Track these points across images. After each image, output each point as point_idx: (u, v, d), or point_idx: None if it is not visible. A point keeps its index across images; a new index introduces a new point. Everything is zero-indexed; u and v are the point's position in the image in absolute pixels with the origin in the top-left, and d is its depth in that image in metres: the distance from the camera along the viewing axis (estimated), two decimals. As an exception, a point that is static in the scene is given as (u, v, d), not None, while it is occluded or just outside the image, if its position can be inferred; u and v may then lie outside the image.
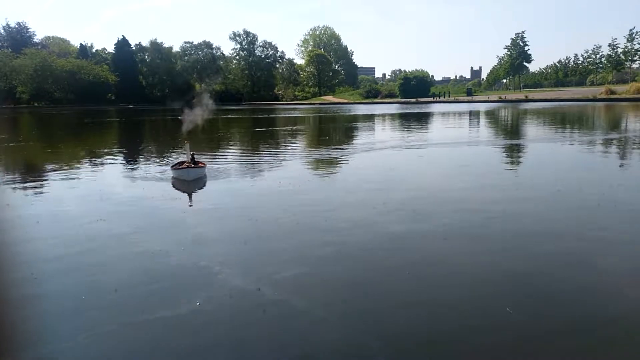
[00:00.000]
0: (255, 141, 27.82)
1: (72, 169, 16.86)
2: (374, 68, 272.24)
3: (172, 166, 14.96)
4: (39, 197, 12.13)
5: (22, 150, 24.43)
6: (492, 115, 50.41)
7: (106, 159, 19.87)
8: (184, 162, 14.71)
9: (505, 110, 58.54)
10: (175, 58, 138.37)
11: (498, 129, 33.05)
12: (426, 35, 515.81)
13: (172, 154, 20.24)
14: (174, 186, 13.18)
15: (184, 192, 12.54)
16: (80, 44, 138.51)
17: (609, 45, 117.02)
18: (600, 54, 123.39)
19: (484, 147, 22.05)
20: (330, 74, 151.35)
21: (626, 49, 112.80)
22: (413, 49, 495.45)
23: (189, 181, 13.30)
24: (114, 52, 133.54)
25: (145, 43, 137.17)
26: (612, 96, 77.95)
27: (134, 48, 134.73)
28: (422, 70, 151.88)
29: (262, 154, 20.60)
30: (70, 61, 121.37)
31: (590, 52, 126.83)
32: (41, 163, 19.31)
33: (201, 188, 12.92)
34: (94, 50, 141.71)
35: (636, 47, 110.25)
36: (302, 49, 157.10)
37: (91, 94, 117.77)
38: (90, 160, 19.58)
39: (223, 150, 22.41)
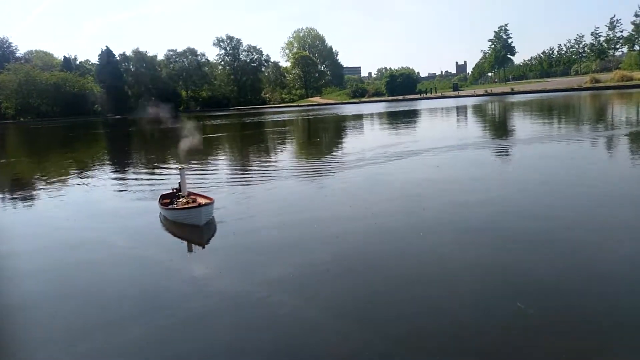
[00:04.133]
0: (244, 152, 26.53)
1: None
2: (359, 67, 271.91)
3: (161, 201, 11.06)
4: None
5: (9, 168, 24.09)
6: (481, 111, 50.55)
7: (81, 188, 16.14)
8: (177, 194, 11.03)
9: (493, 105, 58.80)
10: (160, 66, 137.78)
11: (493, 127, 32.74)
12: (410, 32, 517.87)
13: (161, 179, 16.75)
14: (172, 234, 9.77)
15: (188, 242, 9.29)
16: (64, 56, 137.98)
17: (592, 34, 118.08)
18: (584, 43, 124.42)
19: (492, 150, 20.02)
20: (316, 75, 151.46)
21: (608, 37, 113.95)
22: (398, 47, 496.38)
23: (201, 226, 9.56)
24: (98, 63, 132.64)
25: (129, 52, 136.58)
26: (597, 85, 78.61)
27: (118, 58, 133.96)
28: (407, 67, 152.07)
29: (252, 169, 18.70)
30: (55, 74, 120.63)
31: (574, 41, 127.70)
32: (29, 183, 19.04)
33: (212, 235, 9.44)
34: (77, 62, 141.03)
35: (618, 34, 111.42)
36: (287, 51, 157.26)
37: (77, 106, 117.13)
38: (70, 188, 16.25)
39: (211, 166, 21.97)
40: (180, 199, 10.63)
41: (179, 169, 11.28)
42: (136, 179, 17.68)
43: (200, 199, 10.69)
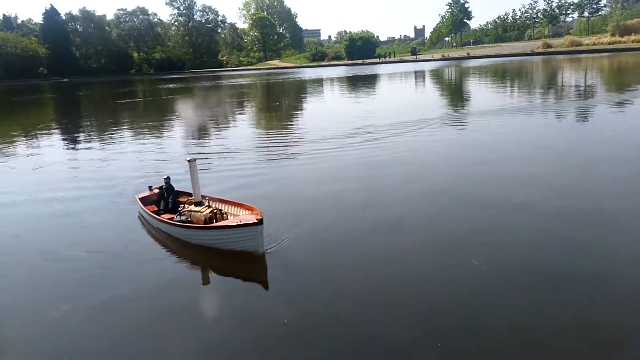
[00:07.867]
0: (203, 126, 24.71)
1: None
2: (319, 30, 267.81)
3: (146, 208, 7.54)
4: None
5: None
6: (438, 77, 51.24)
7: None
8: (183, 201, 7.68)
9: (450, 70, 59.65)
10: (110, 26, 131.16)
11: (455, 97, 33.27)
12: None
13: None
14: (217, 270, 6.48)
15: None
16: (3, 14, 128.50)
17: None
18: (537, 8, 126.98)
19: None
20: (275, 37, 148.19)
21: (560, 3, 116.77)
22: (358, 9, 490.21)
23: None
24: (42, 22, 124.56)
25: (76, 12, 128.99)
26: (549, 50, 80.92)
27: (64, 17, 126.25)
28: (367, 31, 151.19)
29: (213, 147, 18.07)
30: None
31: (528, 7, 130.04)
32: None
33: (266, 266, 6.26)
34: (19, 21, 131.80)
35: (569, 0, 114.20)
36: (244, 12, 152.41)
37: (20, 68, 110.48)
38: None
39: (168, 142, 21.39)
40: (195, 208, 7.02)
41: (188, 161, 7.50)
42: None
43: (231, 207, 6.97)
